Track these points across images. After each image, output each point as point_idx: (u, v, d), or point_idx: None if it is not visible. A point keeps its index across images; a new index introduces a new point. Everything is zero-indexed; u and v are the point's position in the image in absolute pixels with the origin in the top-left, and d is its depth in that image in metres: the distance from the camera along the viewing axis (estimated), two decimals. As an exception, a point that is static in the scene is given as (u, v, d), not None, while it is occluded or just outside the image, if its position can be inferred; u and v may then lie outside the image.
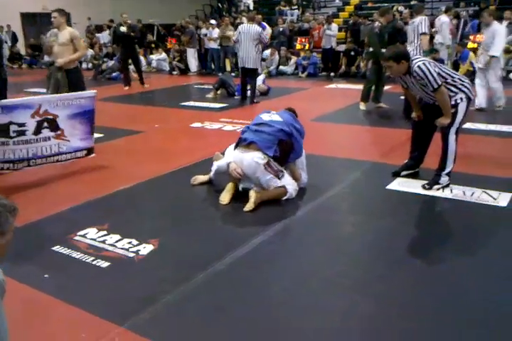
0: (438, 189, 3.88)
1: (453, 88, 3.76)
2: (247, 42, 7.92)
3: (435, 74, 3.66)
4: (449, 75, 3.78)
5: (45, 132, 4.23)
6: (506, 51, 6.93)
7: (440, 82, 3.67)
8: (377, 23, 7.21)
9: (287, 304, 2.45)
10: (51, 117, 4.20)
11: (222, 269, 2.77)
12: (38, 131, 4.17)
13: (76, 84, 5.39)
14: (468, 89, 3.80)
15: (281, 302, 2.48)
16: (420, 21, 6.66)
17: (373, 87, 7.42)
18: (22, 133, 4.11)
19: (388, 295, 2.51)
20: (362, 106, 7.43)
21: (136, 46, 10.57)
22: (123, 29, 9.80)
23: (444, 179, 3.90)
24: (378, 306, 2.42)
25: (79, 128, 4.43)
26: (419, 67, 3.66)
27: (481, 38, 10.67)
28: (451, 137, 3.82)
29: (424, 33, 6.62)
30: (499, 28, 6.69)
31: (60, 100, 4.25)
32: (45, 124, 4.21)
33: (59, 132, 4.30)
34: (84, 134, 4.52)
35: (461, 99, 3.78)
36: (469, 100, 3.85)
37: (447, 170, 3.87)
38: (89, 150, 4.66)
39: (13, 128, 4.07)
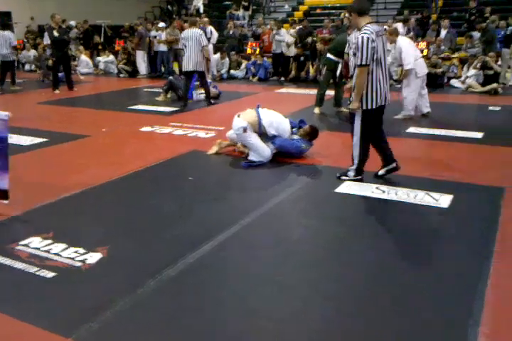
0: (345, 180, 4.24)
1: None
2: (191, 46, 8.02)
3: (369, 52, 3.70)
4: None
5: None
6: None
7: (367, 63, 3.73)
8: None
9: (239, 309, 2.46)
10: None
11: (173, 276, 2.74)
12: None
13: None
14: (377, 94, 3.89)
15: (233, 307, 2.48)
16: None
17: (326, 92, 7.62)
18: None
19: (340, 295, 2.57)
20: (316, 110, 7.70)
21: (68, 49, 10.50)
22: (55, 33, 9.72)
23: (351, 173, 4.26)
24: (330, 307, 2.47)
25: None
26: (361, 37, 3.73)
27: (423, 45, 11.17)
28: (355, 146, 4.13)
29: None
30: (402, 43, 6.92)
31: None
32: None
33: None
34: None
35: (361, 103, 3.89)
36: (367, 110, 3.94)
37: (354, 166, 4.25)
38: None
39: None
